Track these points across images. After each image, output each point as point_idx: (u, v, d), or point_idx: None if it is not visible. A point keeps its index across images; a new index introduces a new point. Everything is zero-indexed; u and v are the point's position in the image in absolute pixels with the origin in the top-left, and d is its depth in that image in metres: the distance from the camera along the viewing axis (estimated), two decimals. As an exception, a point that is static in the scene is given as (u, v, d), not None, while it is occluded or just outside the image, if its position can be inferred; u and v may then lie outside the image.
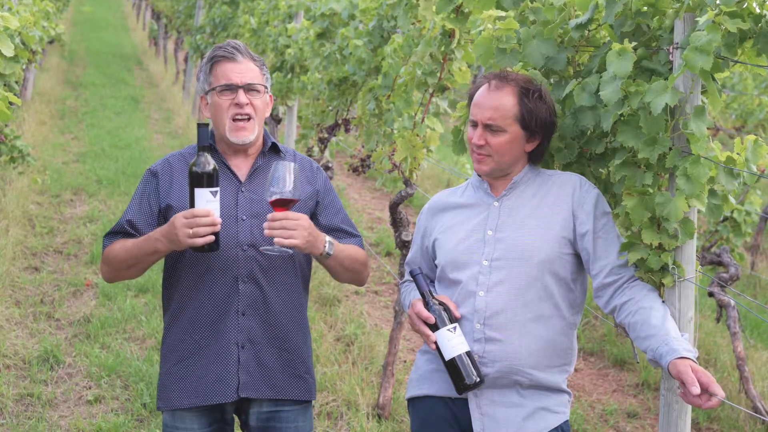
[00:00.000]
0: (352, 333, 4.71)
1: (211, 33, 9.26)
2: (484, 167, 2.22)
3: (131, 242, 2.26)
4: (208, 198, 2.13)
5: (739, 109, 7.64)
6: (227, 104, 2.27)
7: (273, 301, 2.30)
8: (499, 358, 2.15)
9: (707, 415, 4.13)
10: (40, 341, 4.42)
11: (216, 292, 2.27)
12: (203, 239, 2.11)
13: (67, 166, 8.35)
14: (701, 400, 1.90)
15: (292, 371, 2.34)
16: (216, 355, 2.28)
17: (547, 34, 2.36)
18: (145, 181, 2.35)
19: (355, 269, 2.36)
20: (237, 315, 2.28)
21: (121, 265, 2.28)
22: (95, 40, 18.64)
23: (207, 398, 2.28)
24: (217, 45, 2.34)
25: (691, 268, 2.17)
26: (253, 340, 2.29)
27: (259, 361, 2.29)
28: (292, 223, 2.14)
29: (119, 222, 2.33)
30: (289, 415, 2.35)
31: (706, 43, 1.96)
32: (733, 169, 2.19)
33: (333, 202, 2.42)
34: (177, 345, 2.32)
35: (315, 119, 5.01)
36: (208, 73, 2.31)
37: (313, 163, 2.45)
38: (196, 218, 2.10)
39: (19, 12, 4.50)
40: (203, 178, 2.13)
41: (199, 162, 2.15)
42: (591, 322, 5.20)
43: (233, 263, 2.26)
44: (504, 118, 2.18)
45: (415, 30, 3.51)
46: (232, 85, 2.27)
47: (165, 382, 2.34)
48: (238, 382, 2.28)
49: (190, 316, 2.30)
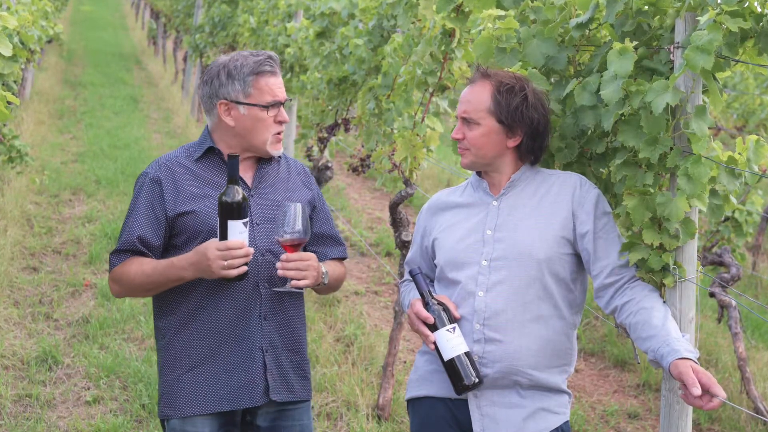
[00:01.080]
0: (352, 333, 4.70)
1: (210, 32, 9.25)
2: (464, 160, 2.25)
3: (150, 266, 2.21)
4: (240, 230, 2.15)
5: (740, 109, 7.63)
6: (271, 120, 2.27)
7: (288, 305, 2.33)
8: (498, 358, 2.15)
9: (708, 416, 4.12)
10: (39, 342, 4.41)
11: (238, 298, 2.26)
12: (237, 271, 2.14)
13: (66, 165, 8.34)
14: (702, 402, 1.90)
15: (301, 373, 2.38)
16: (240, 360, 2.27)
17: (548, 33, 2.35)
18: (148, 189, 2.26)
19: (336, 287, 2.44)
20: (260, 319, 2.29)
21: (139, 288, 2.25)
22: (94, 39, 18.63)
23: (231, 404, 2.26)
24: (255, 58, 2.27)
25: (692, 269, 2.17)
26: (274, 344, 2.30)
27: (279, 364, 2.31)
28: (304, 264, 2.22)
29: (126, 239, 2.24)
30: (294, 413, 2.37)
31: (707, 43, 1.95)
32: (734, 169, 2.18)
33: (323, 207, 2.45)
34: (188, 351, 2.27)
35: (314, 119, 5.00)
36: (249, 84, 2.25)
37: (304, 166, 2.49)
38: (231, 251, 2.12)
39: (17, 11, 4.48)
40: (234, 209, 2.14)
41: (229, 193, 2.14)
42: (591, 322, 5.19)
43: (254, 268, 2.25)
44: (477, 111, 2.19)
45: (415, 29, 3.50)
46: (279, 102, 2.27)
47: (175, 390, 2.27)
48: (267, 386, 2.28)
49: (205, 323, 2.26)
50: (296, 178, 2.41)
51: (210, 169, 2.31)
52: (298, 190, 2.39)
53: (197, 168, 2.30)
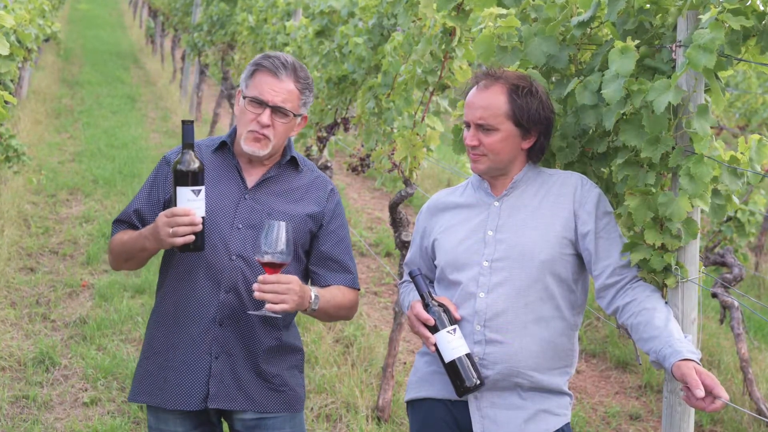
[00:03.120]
0: (352, 334, 4.68)
1: (209, 31, 9.22)
2: (480, 166, 2.20)
3: (127, 236, 2.25)
4: (189, 197, 2.10)
5: (742, 108, 7.61)
6: (251, 117, 2.22)
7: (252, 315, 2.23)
8: (499, 360, 2.13)
9: (711, 417, 4.10)
10: (36, 343, 4.39)
11: (196, 296, 2.23)
12: (183, 239, 2.08)
13: (63, 165, 8.32)
14: (705, 403, 1.89)
15: (269, 385, 2.28)
16: (185, 361, 2.23)
17: (549, 31, 2.33)
18: (158, 168, 2.32)
19: (339, 315, 2.32)
20: (214, 324, 2.23)
21: (119, 257, 2.29)
22: (91, 38, 18.61)
23: (169, 402, 2.24)
24: (268, 53, 2.26)
25: (695, 269, 2.16)
26: (230, 351, 2.23)
27: (235, 373, 2.24)
28: (283, 287, 2.10)
29: (126, 210, 2.31)
30: (275, 422, 2.29)
31: (709, 41, 1.94)
32: (736, 168, 2.17)
33: (338, 230, 2.33)
34: (150, 340, 2.31)
35: (314, 118, 4.98)
36: (249, 77, 2.25)
37: (329, 184, 2.36)
38: (176, 217, 2.08)
39: (14, 9, 4.46)
40: (187, 176, 2.10)
41: (183, 160, 2.11)
42: (593, 323, 5.17)
43: (219, 270, 2.22)
44: (495, 116, 2.16)
45: (415, 28, 3.48)
46: (262, 101, 2.21)
47: (136, 374, 2.33)
48: (207, 393, 2.22)
49: (167, 314, 2.27)
50: (312, 192, 2.32)
51: (218, 164, 2.30)
52: (302, 204, 2.29)
53: (210, 159, 2.30)
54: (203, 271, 2.22)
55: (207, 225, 2.16)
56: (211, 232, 2.20)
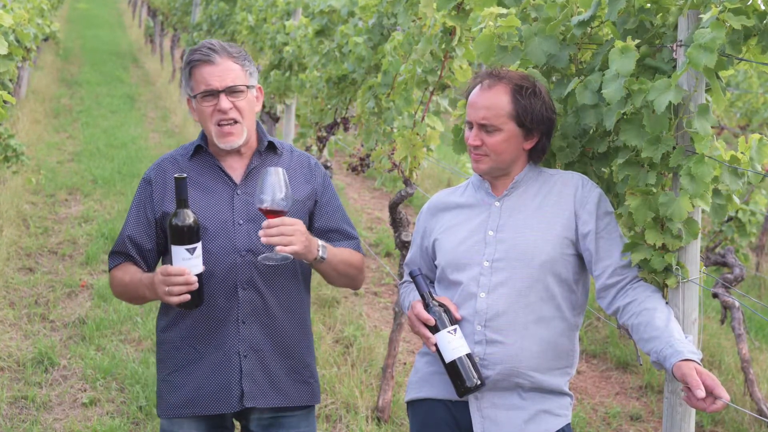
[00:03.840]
0: (351, 335, 4.67)
1: (208, 30, 9.21)
2: (482, 166, 2.19)
3: (128, 278, 2.25)
4: (184, 256, 2.10)
5: (743, 108, 7.60)
6: (210, 110, 2.22)
7: (274, 307, 2.26)
8: (500, 360, 2.13)
9: (711, 418, 4.10)
10: (35, 343, 4.38)
11: (215, 301, 2.23)
12: (178, 298, 2.10)
13: (62, 165, 8.31)
14: (706, 404, 1.88)
15: (298, 377, 2.31)
16: (216, 364, 2.24)
17: (549, 31, 2.33)
18: (140, 190, 2.31)
19: (349, 274, 2.32)
20: (237, 323, 2.24)
21: (121, 297, 2.33)
22: (90, 37, 18.60)
23: (208, 408, 2.25)
24: (193, 48, 2.26)
25: (695, 269, 2.16)
26: (257, 347, 2.25)
27: (265, 369, 2.26)
28: (289, 229, 2.11)
29: (119, 240, 2.30)
30: (291, 420, 2.32)
31: (710, 41, 1.93)
32: (737, 168, 2.17)
33: (331, 200, 2.36)
34: (173, 352, 2.29)
35: (314, 118, 4.98)
36: (189, 78, 2.24)
37: (311, 159, 2.39)
38: (171, 277, 2.09)
39: (13, 9, 4.45)
40: (183, 233, 2.09)
41: (178, 216, 2.10)
42: (593, 323, 5.16)
43: (232, 270, 2.22)
44: (498, 116, 2.15)
45: (415, 27, 3.47)
46: (212, 90, 2.20)
47: (162, 390, 2.31)
48: (242, 392, 2.24)
49: (189, 324, 2.26)
50: (297, 172, 2.33)
51: (200, 169, 2.29)
52: (293, 187, 2.30)
53: (190, 167, 2.29)
54: (218, 276, 2.22)
55: (212, 228, 2.19)
56: (217, 235, 2.21)
